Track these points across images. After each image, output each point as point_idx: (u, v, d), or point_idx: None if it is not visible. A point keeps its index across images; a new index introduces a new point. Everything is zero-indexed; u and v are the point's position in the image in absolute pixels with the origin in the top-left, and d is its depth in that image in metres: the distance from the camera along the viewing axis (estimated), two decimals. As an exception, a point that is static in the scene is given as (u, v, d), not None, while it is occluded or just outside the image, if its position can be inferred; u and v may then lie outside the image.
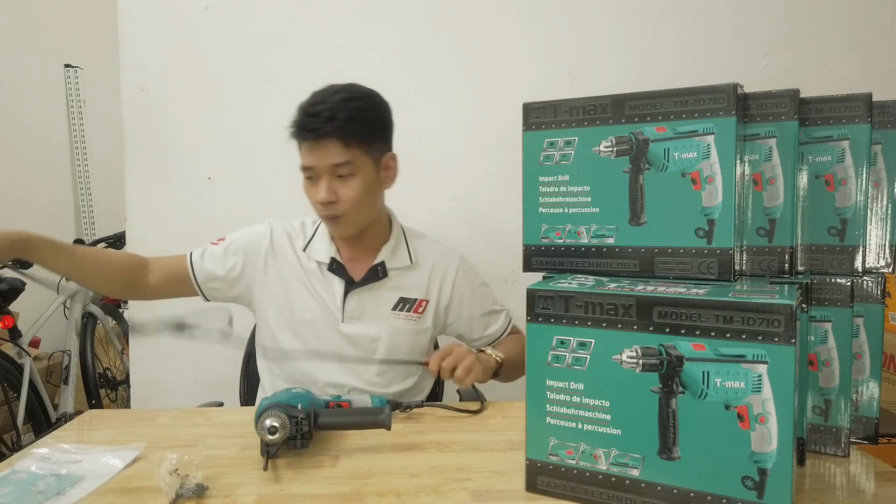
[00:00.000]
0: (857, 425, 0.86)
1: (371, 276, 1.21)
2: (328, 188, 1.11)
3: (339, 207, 1.13)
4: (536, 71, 1.65)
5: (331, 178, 1.11)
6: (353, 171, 1.12)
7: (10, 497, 0.76)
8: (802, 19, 1.66)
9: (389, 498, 0.76)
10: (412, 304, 1.23)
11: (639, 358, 0.68)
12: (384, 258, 1.22)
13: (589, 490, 0.73)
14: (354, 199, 1.12)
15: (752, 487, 0.64)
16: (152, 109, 1.63)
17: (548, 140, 0.81)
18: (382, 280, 1.21)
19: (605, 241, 0.79)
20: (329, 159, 1.10)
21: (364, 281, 1.20)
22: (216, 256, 1.23)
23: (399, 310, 1.22)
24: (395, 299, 1.22)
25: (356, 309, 1.21)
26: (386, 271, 1.21)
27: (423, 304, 1.24)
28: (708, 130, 0.72)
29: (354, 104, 1.11)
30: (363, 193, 1.13)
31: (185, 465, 0.78)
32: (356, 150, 1.11)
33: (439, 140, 1.66)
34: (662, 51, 1.65)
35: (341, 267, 1.20)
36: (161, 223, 1.65)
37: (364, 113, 1.12)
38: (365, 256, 1.22)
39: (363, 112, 1.12)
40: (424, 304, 1.24)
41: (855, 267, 0.80)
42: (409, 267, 1.24)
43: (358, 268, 1.22)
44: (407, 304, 1.23)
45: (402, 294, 1.23)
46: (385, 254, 1.22)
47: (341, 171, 1.11)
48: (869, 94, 0.78)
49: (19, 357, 2.28)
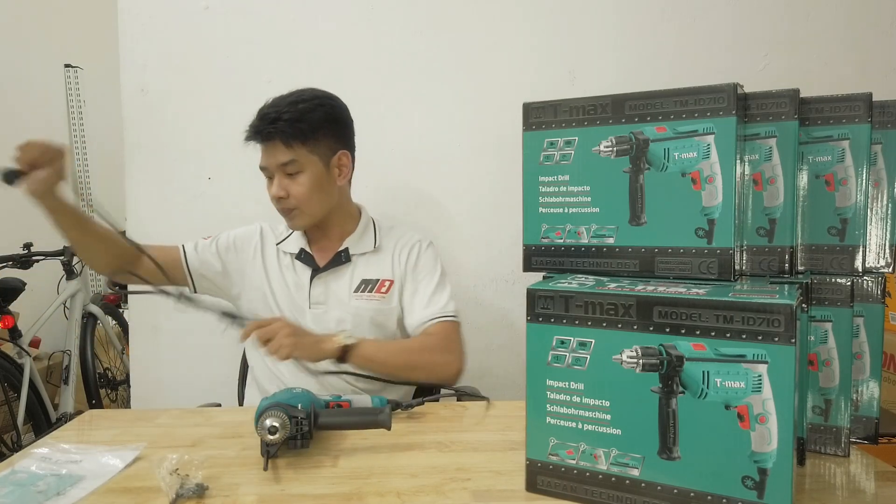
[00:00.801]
0: (857, 425, 0.86)
1: (335, 262, 1.28)
2: (278, 185, 1.21)
3: (291, 202, 1.21)
4: (536, 71, 1.65)
5: (281, 176, 1.20)
6: (299, 169, 1.20)
7: (10, 497, 0.76)
8: (802, 19, 1.66)
9: (389, 498, 0.76)
10: (374, 284, 1.28)
11: (639, 358, 0.68)
12: (348, 245, 1.29)
13: (589, 490, 0.73)
14: (303, 194, 1.20)
15: (752, 487, 0.64)
16: (152, 109, 1.63)
17: (548, 140, 0.81)
18: (346, 265, 1.28)
19: (606, 241, 0.79)
20: (276, 159, 1.19)
21: (328, 266, 1.28)
22: (208, 249, 1.31)
23: (361, 291, 1.28)
24: (358, 282, 1.28)
25: (321, 294, 1.27)
26: (349, 256, 1.28)
27: (388, 284, 1.29)
28: (708, 130, 0.72)
29: (301, 106, 1.19)
30: (312, 189, 1.21)
31: (185, 465, 0.78)
32: (300, 149, 1.19)
33: (439, 140, 1.66)
34: (662, 51, 1.65)
35: (309, 256, 1.29)
36: (161, 223, 1.65)
37: (309, 114, 1.19)
38: (332, 246, 1.30)
39: (307, 114, 1.19)
40: (388, 284, 1.29)
41: (855, 267, 0.80)
42: (372, 251, 1.30)
43: (324, 255, 1.29)
44: (369, 284, 1.28)
45: (364, 276, 1.28)
46: (350, 241, 1.30)
47: (288, 170, 1.20)
48: (869, 94, 0.78)
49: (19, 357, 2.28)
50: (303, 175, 1.20)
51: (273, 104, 1.20)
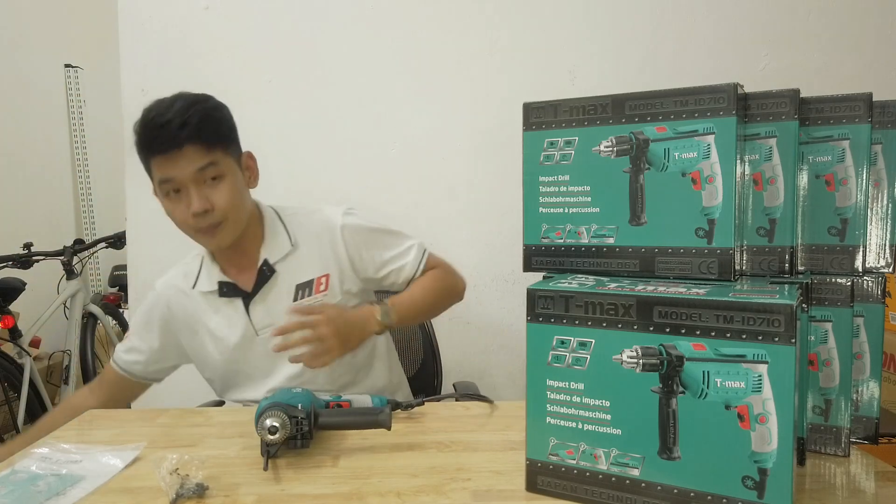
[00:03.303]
0: (858, 425, 0.86)
1: (260, 280, 1.16)
2: (200, 196, 1.05)
3: (217, 215, 1.07)
4: (536, 71, 1.65)
5: (199, 186, 1.05)
6: (220, 173, 1.07)
7: (10, 497, 0.76)
8: (803, 19, 1.66)
9: (389, 498, 0.76)
10: (310, 286, 1.17)
11: (639, 358, 0.68)
12: (265, 255, 1.16)
13: (589, 490, 0.73)
14: (230, 201, 1.07)
15: (753, 487, 0.64)
16: (152, 109, 1.63)
17: (548, 140, 0.81)
18: (273, 277, 1.16)
19: (606, 241, 0.79)
20: (193, 165, 1.04)
21: (256, 288, 1.16)
22: (133, 347, 1.22)
23: (301, 297, 1.17)
24: (293, 289, 1.17)
25: (263, 317, 1.16)
26: (273, 268, 1.16)
27: (324, 280, 1.18)
28: (708, 130, 0.72)
29: (199, 107, 1.06)
30: (235, 195, 1.09)
31: (185, 465, 0.78)
32: (217, 151, 1.07)
33: (439, 140, 1.66)
34: (662, 51, 1.65)
35: (231, 286, 1.16)
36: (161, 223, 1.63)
37: (212, 114, 1.08)
38: (248, 262, 1.17)
39: (211, 113, 1.08)
40: (325, 280, 1.18)
41: (855, 267, 0.80)
42: (292, 251, 1.18)
43: (245, 277, 1.17)
44: (305, 288, 1.17)
45: (296, 281, 1.17)
46: (266, 251, 1.17)
47: (208, 175, 1.05)
48: (869, 94, 0.78)
49: (19, 357, 2.28)
50: (224, 181, 1.07)
51: (161, 112, 1.04)
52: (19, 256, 2.38)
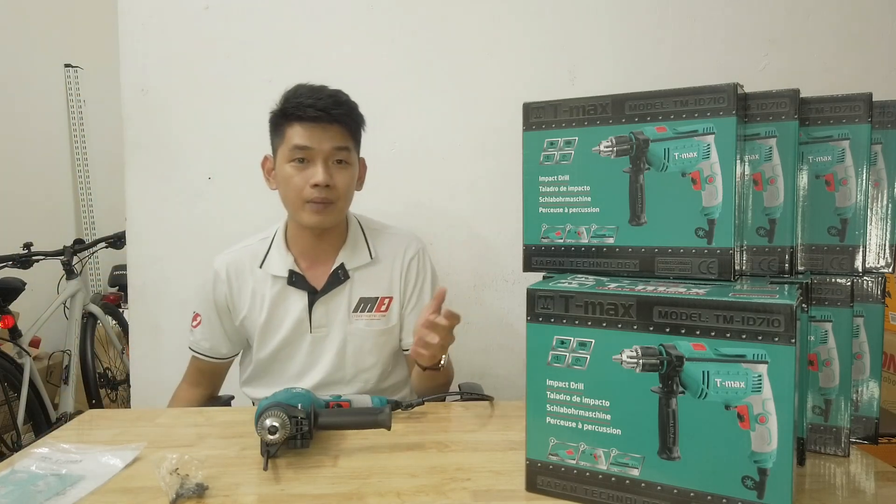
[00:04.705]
0: (857, 425, 0.86)
1: (333, 282, 1.18)
2: (326, 171, 1.10)
3: (334, 193, 1.11)
4: (536, 71, 1.65)
5: (328, 164, 1.11)
6: (348, 160, 1.14)
7: (10, 497, 0.76)
8: (802, 19, 1.66)
9: (389, 498, 0.76)
10: (373, 303, 1.19)
11: (639, 358, 0.68)
12: (343, 259, 1.19)
13: (589, 490, 0.73)
14: (348, 187, 1.14)
15: (752, 487, 0.64)
16: (152, 109, 1.63)
17: (548, 140, 0.81)
18: (345, 283, 1.19)
19: (605, 241, 0.79)
20: (333, 142, 1.10)
21: (326, 288, 1.18)
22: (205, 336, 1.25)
23: (360, 311, 1.19)
24: (356, 300, 1.19)
25: (322, 317, 1.18)
26: (347, 273, 1.18)
27: (387, 302, 1.20)
28: (708, 130, 0.72)
29: (348, 100, 1.15)
30: (352, 184, 1.16)
31: (185, 465, 0.78)
32: (352, 140, 1.15)
33: (439, 140, 1.66)
34: (662, 51, 1.65)
35: (301, 278, 1.18)
36: (161, 223, 1.65)
37: (357, 110, 1.16)
38: (325, 260, 1.19)
39: (356, 108, 1.16)
40: (388, 302, 1.20)
41: (855, 267, 0.80)
42: (369, 263, 1.20)
43: (318, 275, 1.19)
44: (368, 303, 1.19)
45: (362, 294, 1.19)
46: (344, 255, 1.19)
47: (340, 156, 1.12)
48: (869, 94, 0.78)
49: (19, 357, 2.28)
50: (349, 168, 1.14)
51: (318, 89, 1.12)
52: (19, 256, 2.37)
